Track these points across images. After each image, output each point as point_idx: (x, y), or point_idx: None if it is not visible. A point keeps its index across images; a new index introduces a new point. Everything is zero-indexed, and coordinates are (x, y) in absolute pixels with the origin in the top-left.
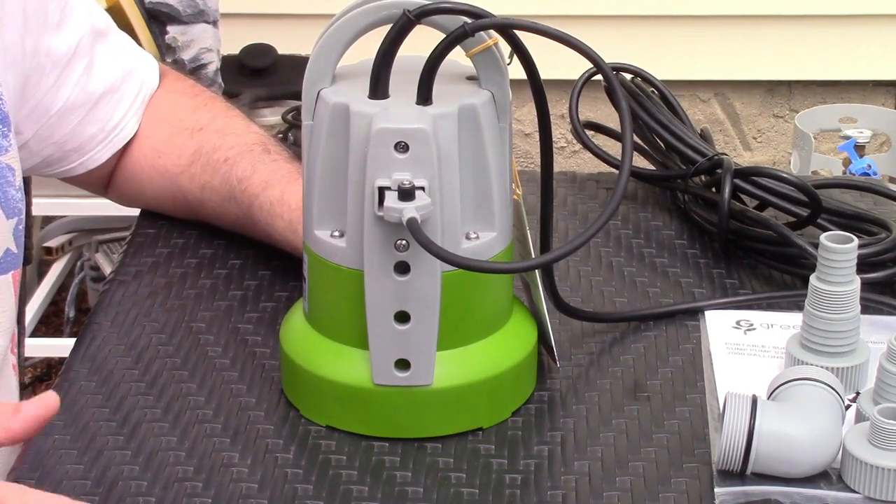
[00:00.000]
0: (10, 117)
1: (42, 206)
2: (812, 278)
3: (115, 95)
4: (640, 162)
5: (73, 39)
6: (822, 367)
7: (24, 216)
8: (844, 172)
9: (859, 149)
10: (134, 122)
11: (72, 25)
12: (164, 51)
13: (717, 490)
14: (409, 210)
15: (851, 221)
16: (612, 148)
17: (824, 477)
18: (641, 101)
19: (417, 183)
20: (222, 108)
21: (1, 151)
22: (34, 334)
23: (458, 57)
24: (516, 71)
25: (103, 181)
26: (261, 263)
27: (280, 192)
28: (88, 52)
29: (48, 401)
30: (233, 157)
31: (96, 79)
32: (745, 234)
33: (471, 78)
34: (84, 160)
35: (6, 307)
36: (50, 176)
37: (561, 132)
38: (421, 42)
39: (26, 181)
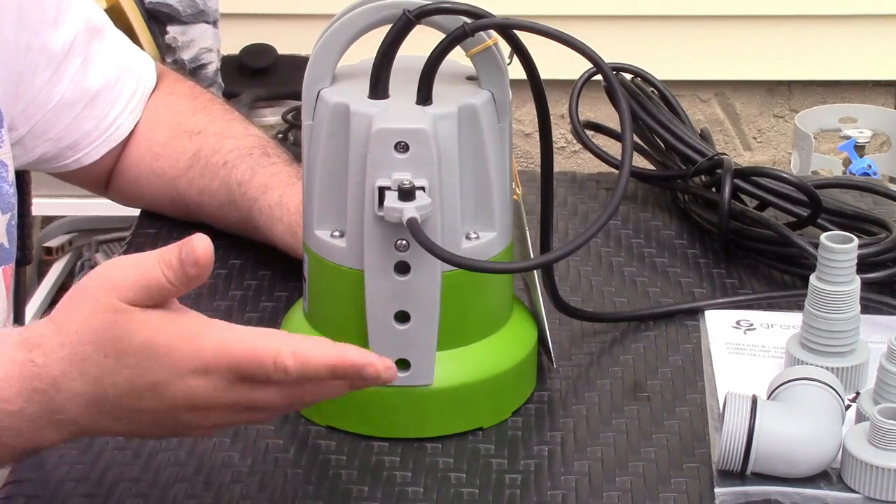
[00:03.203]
0: (3, 113)
1: (42, 206)
2: (812, 278)
3: (111, 93)
4: (640, 162)
5: (68, 36)
6: (822, 367)
7: (16, 212)
8: (844, 172)
9: (859, 149)
10: (130, 121)
11: (67, 22)
12: (164, 51)
13: (717, 490)
14: (409, 210)
15: (851, 221)
16: (612, 148)
17: (824, 477)
18: (641, 101)
19: (417, 183)
20: (221, 111)
21: None
22: None
23: (458, 57)
24: (516, 71)
25: (101, 180)
26: (261, 263)
27: (279, 196)
28: (84, 49)
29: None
30: (232, 160)
31: (92, 76)
32: (745, 234)
33: (471, 78)
34: (79, 157)
35: None
36: (46, 172)
37: (561, 132)
38: (421, 42)
39: (25, 180)
